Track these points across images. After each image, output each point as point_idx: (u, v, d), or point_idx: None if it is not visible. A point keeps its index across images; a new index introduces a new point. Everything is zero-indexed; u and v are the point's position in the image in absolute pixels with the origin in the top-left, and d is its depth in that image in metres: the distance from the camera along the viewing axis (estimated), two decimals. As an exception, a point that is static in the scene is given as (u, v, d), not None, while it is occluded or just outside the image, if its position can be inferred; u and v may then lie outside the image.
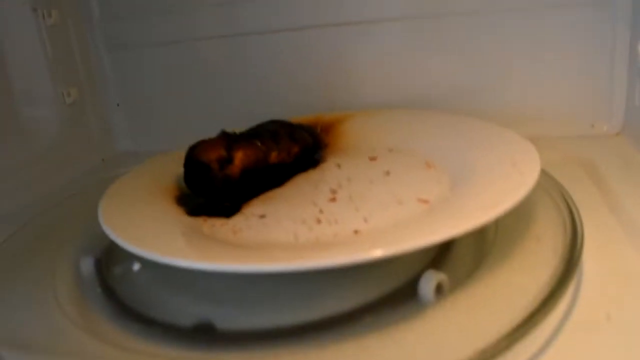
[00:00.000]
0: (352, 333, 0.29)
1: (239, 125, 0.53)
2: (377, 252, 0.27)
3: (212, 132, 0.50)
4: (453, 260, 0.34)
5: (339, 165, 0.47)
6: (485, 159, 0.40)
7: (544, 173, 0.41)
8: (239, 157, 0.40)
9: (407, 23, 0.60)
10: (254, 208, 0.40)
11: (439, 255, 0.35)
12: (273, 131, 0.45)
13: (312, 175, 0.45)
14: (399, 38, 0.61)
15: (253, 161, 0.41)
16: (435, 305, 0.30)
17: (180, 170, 0.43)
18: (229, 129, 0.46)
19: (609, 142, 0.53)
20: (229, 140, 0.41)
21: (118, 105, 0.70)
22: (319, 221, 0.36)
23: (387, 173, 0.44)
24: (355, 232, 0.34)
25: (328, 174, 0.45)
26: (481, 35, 0.58)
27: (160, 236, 0.34)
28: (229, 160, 0.40)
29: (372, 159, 0.47)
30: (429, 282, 0.31)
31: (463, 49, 0.59)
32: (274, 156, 0.43)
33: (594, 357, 0.27)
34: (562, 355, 0.27)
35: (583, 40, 0.55)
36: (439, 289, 0.31)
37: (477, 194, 0.35)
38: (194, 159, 0.41)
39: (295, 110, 0.61)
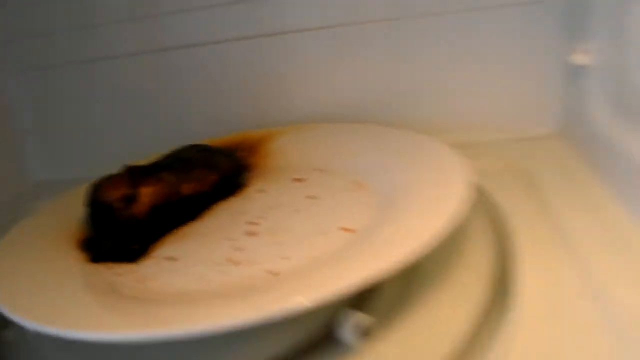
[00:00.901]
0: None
1: (164, 146, 0.50)
2: (287, 307, 0.24)
3: (135, 156, 0.46)
4: (377, 295, 0.31)
5: (262, 191, 0.43)
6: (415, 177, 0.38)
7: (477, 187, 0.39)
8: (146, 194, 0.37)
9: (333, 31, 0.57)
10: (165, 249, 0.36)
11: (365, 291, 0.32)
12: (187, 160, 0.41)
13: (233, 204, 0.42)
14: (327, 47, 0.58)
15: (162, 196, 0.37)
16: (357, 348, 0.27)
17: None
18: (141, 159, 0.42)
19: (544, 145, 0.52)
20: (134, 175, 0.37)
21: (29, 132, 0.64)
22: (234, 262, 0.33)
23: (313, 197, 0.41)
24: (274, 273, 0.31)
25: (250, 202, 0.42)
26: (412, 41, 0.55)
27: (51, 299, 0.30)
28: (134, 198, 0.36)
29: (298, 180, 0.44)
30: (348, 324, 0.28)
31: (394, 56, 0.56)
32: (186, 188, 0.39)
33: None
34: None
35: (516, 42, 0.53)
36: (361, 331, 0.28)
37: (403, 223, 0.32)
38: (95, 199, 0.37)
39: (222, 127, 0.58)
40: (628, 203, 0.38)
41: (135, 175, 0.37)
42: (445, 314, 0.29)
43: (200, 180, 0.40)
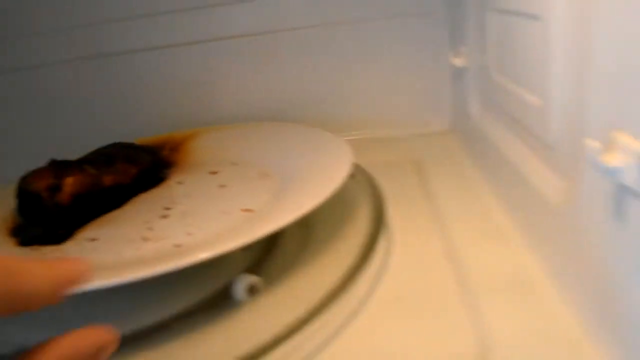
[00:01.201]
0: (168, 338, 0.31)
1: (89, 150, 0.54)
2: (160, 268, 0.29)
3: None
4: (270, 260, 0.37)
5: (180, 183, 0.48)
6: (309, 164, 0.44)
7: (364, 172, 0.46)
8: (69, 184, 0.41)
9: (256, 39, 0.63)
10: (88, 232, 0.41)
11: (261, 259, 0.37)
12: (108, 154, 0.46)
13: (153, 194, 0.47)
14: (251, 54, 0.64)
15: (84, 186, 0.42)
16: (245, 303, 0.33)
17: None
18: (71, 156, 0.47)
19: (436, 140, 0.59)
20: (58, 167, 0.42)
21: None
22: (146, 239, 0.38)
23: (224, 186, 0.46)
24: (178, 246, 0.36)
25: (167, 191, 0.47)
26: (324, 48, 0.62)
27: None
28: (58, 187, 0.41)
29: (213, 173, 0.49)
30: (241, 284, 0.33)
31: (310, 62, 0.63)
32: (108, 179, 0.44)
33: (388, 332, 0.31)
34: (360, 335, 0.30)
35: (412, 48, 0.60)
36: (253, 290, 0.34)
37: (291, 199, 0.38)
38: (23, 189, 0.41)
39: (154, 128, 0.62)
40: (492, 182, 0.45)
41: (59, 167, 0.42)
42: (322, 273, 0.35)
43: (120, 172, 0.45)
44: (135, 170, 0.46)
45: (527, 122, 0.37)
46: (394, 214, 0.42)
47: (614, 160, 0.23)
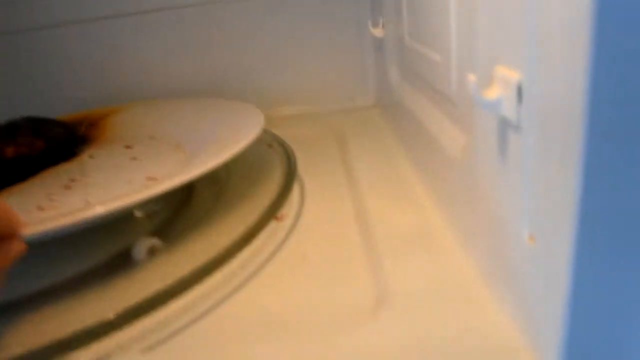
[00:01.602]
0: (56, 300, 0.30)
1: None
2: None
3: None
4: (180, 225, 0.36)
5: (93, 157, 0.47)
6: (221, 133, 0.43)
7: (282, 142, 0.45)
8: (-36, 155, 0.39)
9: (178, 12, 0.61)
10: (-16, 204, 0.39)
11: (167, 223, 0.36)
12: (14, 126, 0.43)
13: (62, 168, 0.45)
14: (176, 30, 0.62)
15: (-18, 157, 0.40)
16: (144, 263, 0.32)
17: None
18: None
19: (362, 114, 0.59)
20: (-47, 139, 0.39)
21: None
22: (42, 209, 0.36)
23: (136, 159, 0.44)
24: (73, 212, 0.35)
25: (78, 165, 0.45)
26: (251, 23, 0.61)
27: None
28: (-47, 158, 0.39)
29: (128, 147, 0.48)
30: (141, 246, 0.32)
31: (237, 38, 0.62)
32: (9, 151, 0.42)
33: (289, 287, 0.30)
34: (264, 288, 0.30)
35: (337, 22, 0.60)
36: (153, 251, 0.33)
37: (195, 164, 0.37)
38: None
39: (76, 106, 0.60)
40: (409, 148, 0.45)
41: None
42: (225, 233, 0.34)
43: (24, 144, 0.43)
44: (41, 143, 0.44)
45: (434, 81, 0.37)
46: (310, 181, 0.42)
47: (493, 92, 0.23)
